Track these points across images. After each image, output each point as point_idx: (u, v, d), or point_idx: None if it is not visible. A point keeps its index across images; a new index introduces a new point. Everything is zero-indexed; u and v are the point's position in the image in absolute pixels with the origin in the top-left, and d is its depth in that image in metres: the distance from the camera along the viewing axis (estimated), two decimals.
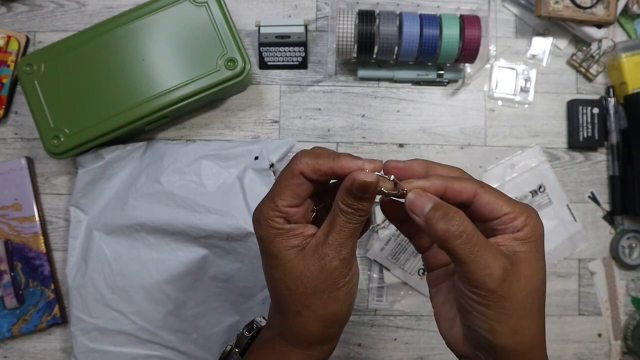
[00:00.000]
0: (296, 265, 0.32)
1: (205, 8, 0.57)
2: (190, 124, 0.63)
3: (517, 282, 0.30)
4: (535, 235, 0.31)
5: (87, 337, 0.56)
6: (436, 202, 0.30)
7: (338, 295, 0.33)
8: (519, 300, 0.30)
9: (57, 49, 0.57)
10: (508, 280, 0.29)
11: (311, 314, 0.33)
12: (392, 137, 0.64)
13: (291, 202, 0.33)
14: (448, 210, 0.30)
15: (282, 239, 0.33)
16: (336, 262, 0.32)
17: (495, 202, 0.31)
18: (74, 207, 0.59)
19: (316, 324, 0.33)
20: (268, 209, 0.33)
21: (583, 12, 0.61)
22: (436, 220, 0.30)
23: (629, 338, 0.62)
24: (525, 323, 0.30)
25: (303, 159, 0.32)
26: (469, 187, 0.31)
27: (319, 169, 0.32)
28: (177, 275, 0.56)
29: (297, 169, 0.32)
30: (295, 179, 0.32)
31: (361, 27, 0.57)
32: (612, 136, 0.64)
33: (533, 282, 0.30)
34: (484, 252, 0.29)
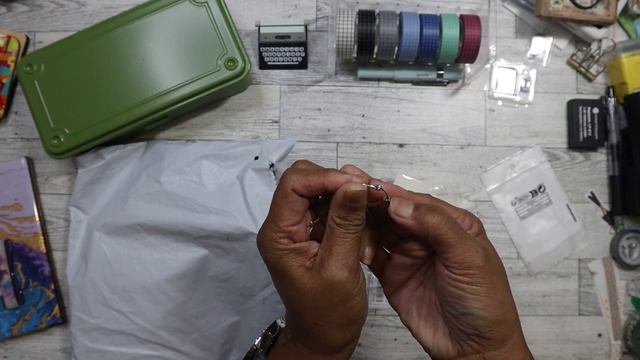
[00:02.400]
0: (306, 283, 0.33)
1: (205, 8, 0.57)
2: (190, 124, 0.63)
3: (492, 259, 0.33)
4: (481, 230, 0.35)
5: (87, 337, 0.56)
6: (416, 203, 0.34)
7: (352, 304, 0.34)
8: (498, 274, 0.33)
9: (57, 49, 0.57)
10: (488, 258, 0.33)
11: (328, 324, 0.34)
12: (392, 137, 0.64)
13: (291, 220, 0.34)
14: (430, 206, 0.33)
15: (289, 259, 0.34)
16: (345, 273, 0.33)
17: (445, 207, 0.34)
18: (74, 207, 0.59)
19: (335, 333, 0.35)
20: (271, 232, 0.34)
21: (583, 12, 0.61)
22: (424, 215, 0.33)
23: (629, 338, 0.62)
24: (506, 295, 0.33)
25: (293, 177, 0.34)
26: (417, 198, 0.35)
27: (309, 185, 0.33)
28: (177, 275, 0.56)
29: (288, 187, 0.33)
30: (290, 197, 0.33)
31: (361, 27, 0.57)
32: (612, 136, 0.64)
33: (499, 261, 0.35)
34: (467, 237, 0.33)
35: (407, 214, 0.33)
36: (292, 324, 0.37)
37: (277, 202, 0.34)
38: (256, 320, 0.57)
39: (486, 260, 0.32)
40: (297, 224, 0.34)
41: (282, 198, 0.34)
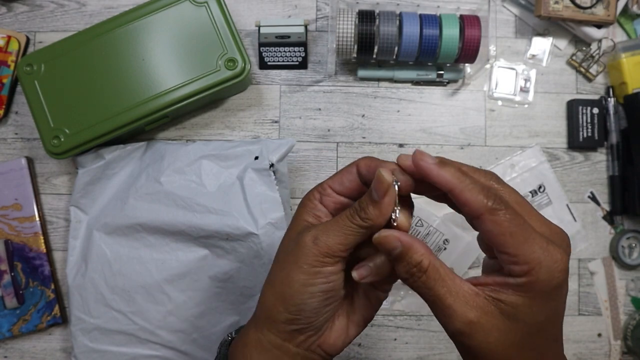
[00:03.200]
0: (292, 234, 0.34)
1: (205, 8, 0.57)
2: (190, 124, 0.63)
3: (486, 334, 0.28)
4: (535, 290, 0.27)
5: (87, 337, 0.56)
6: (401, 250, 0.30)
7: (295, 279, 0.31)
8: (484, 351, 0.28)
9: (57, 49, 0.57)
10: (473, 332, 0.28)
11: (270, 286, 0.33)
12: (392, 137, 0.64)
13: (334, 184, 0.34)
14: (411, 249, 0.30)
15: (304, 210, 0.34)
16: (309, 240, 0.31)
17: (498, 237, 0.27)
18: (74, 207, 0.59)
19: (270, 298, 0.32)
20: (315, 188, 0.35)
21: (583, 12, 0.61)
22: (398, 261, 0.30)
23: (629, 338, 0.62)
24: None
25: (367, 158, 0.34)
26: (476, 205, 0.28)
27: (370, 165, 0.33)
28: (177, 275, 0.56)
29: (355, 163, 0.34)
30: (350, 168, 0.34)
31: (361, 27, 0.57)
32: (612, 136, 0.64)
33: (510, 337, 0.28)
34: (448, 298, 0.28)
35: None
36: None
37: (339, 170, 0.35)
38: None
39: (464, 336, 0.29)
40: (336, 193, 0.34)
41: (344, 168, 0.35)
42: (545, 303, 0.28)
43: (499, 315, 0.28)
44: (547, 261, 0.27)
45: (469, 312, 0.28)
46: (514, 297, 0.27)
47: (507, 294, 0.28)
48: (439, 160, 0.30)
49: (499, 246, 0.28)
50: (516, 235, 0.27)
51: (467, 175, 0.29)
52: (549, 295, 0.27)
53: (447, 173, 0.29)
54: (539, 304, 0.27)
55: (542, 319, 0.28)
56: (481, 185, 0.29)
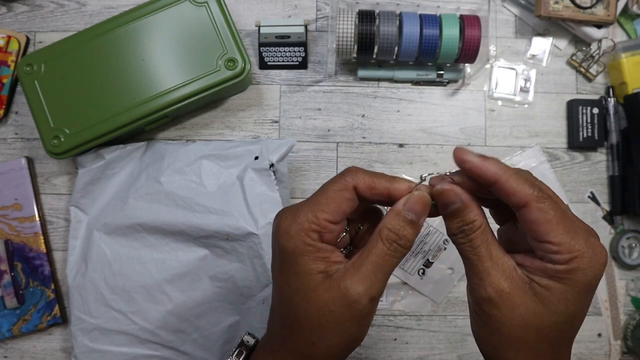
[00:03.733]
0: (321, 294, 0.29)
1: (205, 8, 0.57)
2: (190, 124, 0.63)
3: (511, 309, 0.28)
4: (573, 279, 0.27)
5: (87, 337, 0.56)
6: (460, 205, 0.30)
7: (358, 334, 0.31)
8: (508, 325, 0.28)
9: (57, 49, 0.57)
10: (500, 303, 0.28)
11: (326, 347, 0.31)
12: (392, 137, 0.64)
13: (334, 217, 0.30)
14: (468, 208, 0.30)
15: (310, 258, 0.30)
16: (365, 300, 0.29)
17: (543, 225, 0.28)
18: (74, 207, 0.59)
19: (328, 356, 0.31)
20: (304, 220, 0.29)
21: (583, 12, 0.61)
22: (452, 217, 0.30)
23: (629, 338, 0.62)
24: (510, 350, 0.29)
25: (359, 174, 0.30)
26: (522, 194, 0.28)
27: (374, 187, 0.30)
28: (177, 275, 0.56)
29: (351, 183, 0.30)
30: (346, 193, 0.30)
31: (361, 27, 0.57)
32: (612, 136, 0.64)
33: (536, 321, 0.28)
34: (487, 261, 0.29)
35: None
36: (281, 329, 0.33)
37: (327, 191, 0.30)
38: (256, 320, 0.57)
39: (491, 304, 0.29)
40: (336, 224, 0.30)
41: (336, 190, 0.30)
42: (580, 294, 0.28)
43: (532, 294, 0.28)
44: (590, 253, 0.27)
45: (503, 281, 0.28)
46: (549, 282, 0.28)
47: (543, 277, 0.28)
48: (480, 155, 0.30)
49: (543, 235, 0.28)
50: (562, 224, 0.27)
51: (509, 167, 0.29)
52: (586, 286, 0.28)
53: (491, 165, 0.29)
54: (574, 293, 0.28)
55: (573, 310, 0.28)
56: (523, 176, 0.29)
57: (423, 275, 0.62)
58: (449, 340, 0.62)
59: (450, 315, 0.62)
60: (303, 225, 0.30)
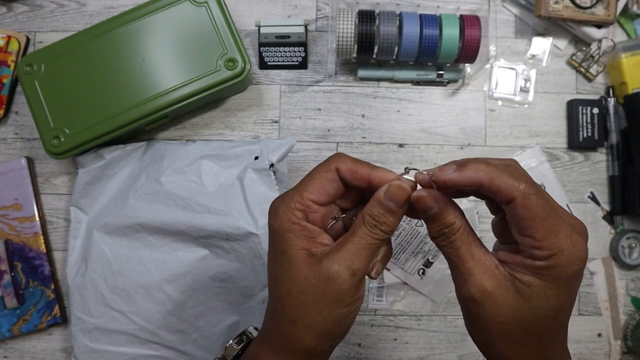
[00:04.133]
0: (303, 268, 0.31)
1: (205, 8, 0.57)
2: (190, 124, 0.63)
3: (495, 306, 0.29)
4: (552, 275, 0.28)
5: (87, 337, 0.56)
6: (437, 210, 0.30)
7: (339, 314, 0.31)
8: (493, 321, 0.29)
9: (57, 49, 0.57)
10: (485, 301, 0.29)
11: (305, 326, 0.31)
12: (392, 137, 0.64)
13: (317, 197, 0.31)
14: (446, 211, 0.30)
15: (295, 235, 0.31)
16: (345, 274, 0.30)
17: (527, 221, 0.28)
18: (74, 207, 0.59)
19: (308, 338, 0.31)
20: (290, 200, 0.31)
21: (583, 12, 0.61)
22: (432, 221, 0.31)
23: (629, 338, 0.62)
24: (498, 344, 0.30)
25: (343, 158, 0.32)
26: (509, 190, 0.28)
27: (355, 172, 0.32)
28: (177, 275, 0.56)
29: (333, 165, 0.32)
30: (329, 174, 0.32)
31: (361, 27, 0.57)
32: (612, 136, 0.64)
33: (519, 315, 0.29)
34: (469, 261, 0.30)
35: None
36: (269, 319, 0.34)
37: (312, 174, 0.32)
38: (256, 320, 0.57)
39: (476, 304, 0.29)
40: (321, 205, 0.32)
41: (320, 172, 0.31)
42: (561, 289, 0.28)
43: (513, 291, 0.29)
44: (570, 249, 0.28)
45: (485, 281, 0.29)
46: (530, 278, 0.28)
47: (524, 274, 0.29)
48: (457, 165, 0.30)
49: (526, 230, 0.28)
50: (546, 222, 0.28)
51: (490, 165, 0.29)
52: (565, 282, 0.28)
53: (470, 172, 0.29)
54: (554, 288, 0.28)
55: (554, 304, 0.29)
56: (508, 171, 0.29)
57: (423, 276, 0.62)
58: (449, 340, 0.62)
59: (450, 315, 0.62)
60: (289, 205, 0.31)
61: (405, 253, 0.61)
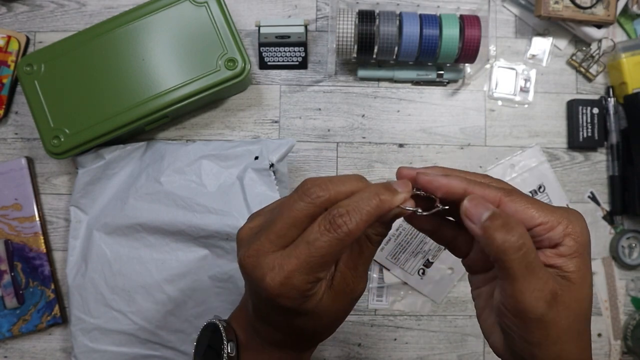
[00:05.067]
0: (329, 308, 0.30)
1: (205, 8, 0.57)
2: (190, 124, 0.63)
3: (565, 308, 0.27)
4: (581, 247, 0.28)
5: (87, 337, 0.56)
6: (495, 211, 0.27)
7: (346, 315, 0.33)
8: (565, 326, 0.28)
9: (57, 49, 0.57)
10: (555, 307, 0.27)
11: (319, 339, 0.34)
12: (392, 137, 0.64)
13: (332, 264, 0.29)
14: (508, 219, 0.27)
15: (315, 295, 0.29)
16: (363, 289, 0.32)
17: (525, 211, 0.28)
18: (74, 207, 0.59)
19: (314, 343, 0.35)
20: (303, 281, 0.27)
21: (583, 12, 0.61)
22: (495, 229, 0.27)
23: (629, 338, 0.62)
24: (569, 347, 0.28)
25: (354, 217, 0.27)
26: (492, 195, 0.29)
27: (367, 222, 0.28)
28: (177, 275, 0.56)
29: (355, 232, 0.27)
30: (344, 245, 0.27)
31: (361, 27, 0.57)
32: (612, 136, 0.64)
33: (583, 306, 0.28)
34: (538, 272, 0.27)
35: (478, 220, 0.27)
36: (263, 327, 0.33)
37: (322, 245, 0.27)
38: None
39: (549, 309, 0.27)
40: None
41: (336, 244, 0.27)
42: (588, 255, 0.29)
43: (571, 285, 0.28)
44: (572, 215, 0.29)
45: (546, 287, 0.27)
46: (568, 262, 0.28)
47: (562, 262, 0.28)
48: (441, 172, 0.31)
49: (529, 220, 0.28)
50: (538, 205, 0.29)
51: (470, 177, 0.31)
52: (588, 247, 0.29)
53: (454, 181, 0.30)
54: (586, 257, 0.29)
55: (590, 275, 0.29)
56: (487, 181, 0.31)
57: (423, 275, 0.62)
58: (449, 340, 0.62)
59: (450, 315, 0.62)
60: (301, 287, 0.28)
61: (405, 253, 0.61)
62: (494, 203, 0.29)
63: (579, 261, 0.28)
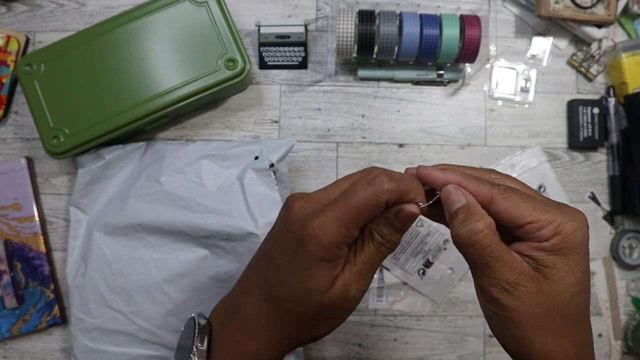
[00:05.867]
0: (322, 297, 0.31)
1: (205, 8, 0.57)
2: (190, 124, 0.63)
3: (530, 299, 0.29)
4: (568, 247, 0.28)
5: (87, 337, 0.56)
6: (464, 204, 0.30)
7: (338, 324, 0.34)
8: (529, 314, 0.29)
9: (57, 49, 0.56)
10: (515, 295, 0.29)
11: (315, 331, 0.34)
12: (392, 137, 0.64)
13: (362, 225, 0.31)
14: (471, 214, 0.29)
15: (330, 265, 0.31)
16: (358, 297, 0.32)
17: (516, 209, 0.29)
18: (73, 207, 0.59)
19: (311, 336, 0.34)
20: (337, 233, 0.30)
21: (583, 12, 0.61)
22: (457, 221, 0.30)
23: (629, 338, 0.62)
24: (537, 338, 0.29)
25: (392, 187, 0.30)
26: (485, 191, 0.30)
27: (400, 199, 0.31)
28: (177, 275, 0.56)
29: (384, 198, 0.30)
30: (377, 209, 0.30)
31: (361, 27, 0.57)
32: (612, 136, 0.64)
33: (554, 301, 0.29)
34: (493, 265, 0.29)
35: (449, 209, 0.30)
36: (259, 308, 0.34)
37: (360, 202, 0.29)
38: None
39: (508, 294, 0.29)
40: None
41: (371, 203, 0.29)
42: (581, 259, 0.29)
43: (542, 278, 0.29)
44: (569, 217, 0.29)
45: (513, 276, 0.29)
46: (551, 258, 0.29)
47: (544, 258, 0.29)
48: (440, 167, 0.32)
49: (520, 219, 0.29)
50: (531, 204, 0.29)
51: (467, 172, 0.32)
52: (581, 250, 0.29)
53: (450, 174, 0.31)
54: (575, 258, 0.29)
55: (580, 276, 0.29)
56: (488, 176, 0.32)
57: (423, 276, 0.62)
58: (449, 340, 0.62)
59: (450, 316, 0.62)
60: (335, 239, 0.30)
61: (406, 253, 0.61)
62: (486, 199, 0.30)
63: (560, 259, 0.29)
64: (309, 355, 0.62)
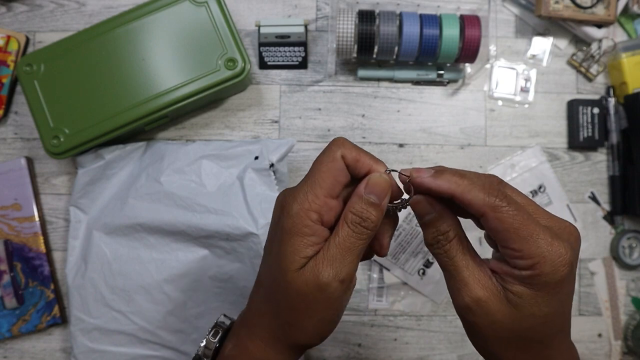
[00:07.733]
0: (298, 278, 0.30)
1: (205, 8, 0.57)
2: (190, 124, 0.63)
3: (493, 315, 0.29)
4: (540, 284, 0.28)
5: (86, 337, 0.56)
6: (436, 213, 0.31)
7: (329, 318, 0.32)
8: (493, 330, 0.30)
9: (57, 49, 0.56)
10: (481, 312, 0.29)
11: (299, 329, 0.32)
12: (392, 137, 0.64)
13: (331, 191, 0.30)
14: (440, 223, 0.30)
15: (303, 241, 0.30)
16: (335, 284, 0.30)
17: (502, 233, 0.28)
18: (73, 207, 0.59)
19: (300, 337, 0.32)
20: (305, 199, 0.30)
21: (583, 12, 0.61)
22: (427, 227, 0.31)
23: (629, 338, 0.62)
24: (504, 353, 0.30)
25: (346, 144, 0.31)
26: (478, 204, 0.29)
27: (359, 160, 0.31)
28: (177, 275, 0.56)
29: (338, 152, 0.30)
30: (337, 163, 0.30)
31: (361, 27, 0.57)
32: (612, 136, 0.64)
33: (515, 325, 0.29)
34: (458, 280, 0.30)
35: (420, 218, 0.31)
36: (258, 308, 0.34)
37: (319, 166, 0.30)
38: None
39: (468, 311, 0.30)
40: (335, 198, 0.31)
41: (327, 162, 0.30)
42: (550, 296, 0.28)
43: (506, 301, 0.29)
44: (552, 255, 0.27)
45: (479, 290, 0.29)
46: (519, 288, 0.28)
47: (514, 283, 0.29)
48: (435, 171, 0.31)
49: (504, 242, 0.28)
50: (520, 231, 0.28)
51: (464, 178, 0.30)
52: (554, 288, 0.28)
53: (443, 181, 0.30)
54: (544, 296, 0.28)
55: (547, 311, 0.29)
56: (481, 184, 0.29)
57: (423, 276, 0.62)
58: (449, 340, 0.62)
59: (450, 315, 0.62)
60: (303, 205, 0.30)
61: (405, 253, 0.61)
62: (478, 212, 0.29)
63: (528, 292, 0.28)
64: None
